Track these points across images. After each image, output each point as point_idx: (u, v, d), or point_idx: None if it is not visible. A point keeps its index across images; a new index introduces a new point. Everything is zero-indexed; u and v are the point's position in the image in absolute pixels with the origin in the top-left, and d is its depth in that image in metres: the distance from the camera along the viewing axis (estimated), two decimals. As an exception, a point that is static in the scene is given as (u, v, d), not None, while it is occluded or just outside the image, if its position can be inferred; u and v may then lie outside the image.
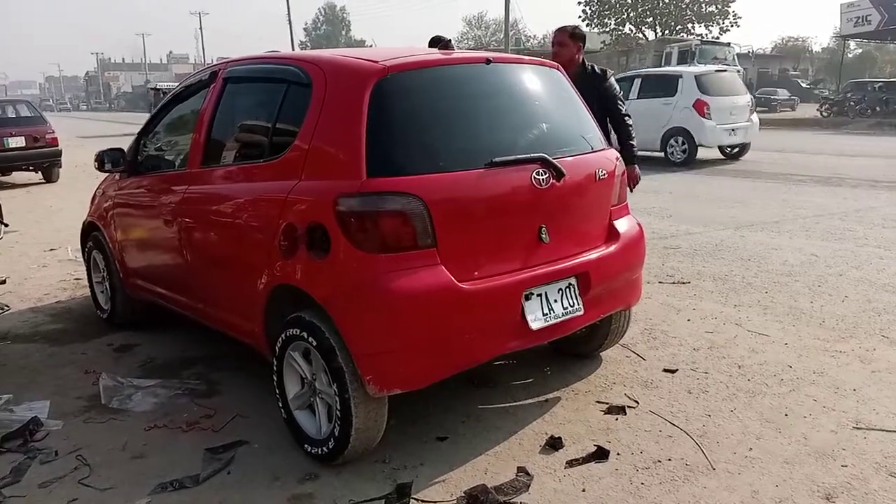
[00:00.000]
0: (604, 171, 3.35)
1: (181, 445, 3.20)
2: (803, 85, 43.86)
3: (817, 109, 30.12)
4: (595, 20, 40.89)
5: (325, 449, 2.92)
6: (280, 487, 2.84)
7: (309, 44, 73.88)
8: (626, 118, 4.79)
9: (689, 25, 39.58)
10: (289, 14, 50.24)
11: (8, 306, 4.76)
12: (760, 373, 3.80)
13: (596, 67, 4.85)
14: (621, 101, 4.85)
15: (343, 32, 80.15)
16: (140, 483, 2.89)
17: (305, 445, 3.02)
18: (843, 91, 30.60)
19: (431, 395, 3.09)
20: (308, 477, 2.90)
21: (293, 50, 32.81)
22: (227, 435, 3.26)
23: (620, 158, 3.61)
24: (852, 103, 27.68)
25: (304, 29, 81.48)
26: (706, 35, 36.74)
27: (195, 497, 2.80)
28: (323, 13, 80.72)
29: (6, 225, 4.80)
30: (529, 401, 3.53)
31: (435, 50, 3.29)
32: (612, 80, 4.87)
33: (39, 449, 3.19)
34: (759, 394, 3.55)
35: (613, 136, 4.70)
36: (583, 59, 4.84)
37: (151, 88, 36.21)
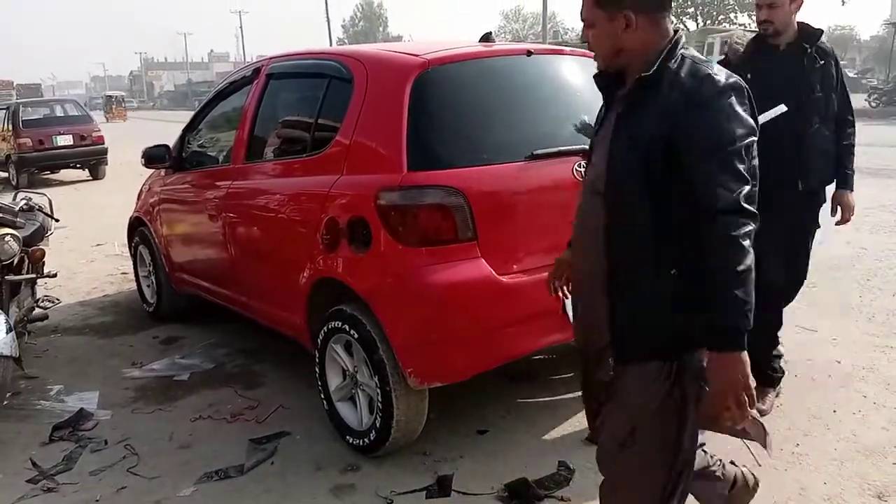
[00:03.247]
0: (646, 164, 3.29)
1: (226, 436, 3.26)
2: (851, 74, 42.48)
3: (865, 99, 29.16)
4: (635, 12, 40.30)
5: (366, 440, 2.94)
6: (322, 478, 2.88)
7: (346, 41, 74.29)
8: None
9: (732, 15, 38.77)
10: (327, 11, 50.69)
11: (58, 300, 4.89)
12: (808, 368, 3.72)
13: (825, 42, 3.06)
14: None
15: (381, 29, 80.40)
16: (186, 472, 2.96)
17: (347, 437, 3.05)
18: (892, 80, 29.61)
19: (472, 389, 3.09)
20: (350, 468, 2.93)
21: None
22: (270, 426, 3.31)
23: None
24: (903, 93, 26.79)
25: (342, 26, 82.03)
26: (749, 25, 35.91)
27: (240, 486, 2.85)
28: (360, 10, 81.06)
29: (56, 220, 4.92)
30: (570, 396, 3.50)
31: (475, 42, 3.27)
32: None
33: (90, 438, 3.29)
34: (806, 390, 3.48)
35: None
36: (800, 26, 3.06)
37: (106, 95, 51.03)
